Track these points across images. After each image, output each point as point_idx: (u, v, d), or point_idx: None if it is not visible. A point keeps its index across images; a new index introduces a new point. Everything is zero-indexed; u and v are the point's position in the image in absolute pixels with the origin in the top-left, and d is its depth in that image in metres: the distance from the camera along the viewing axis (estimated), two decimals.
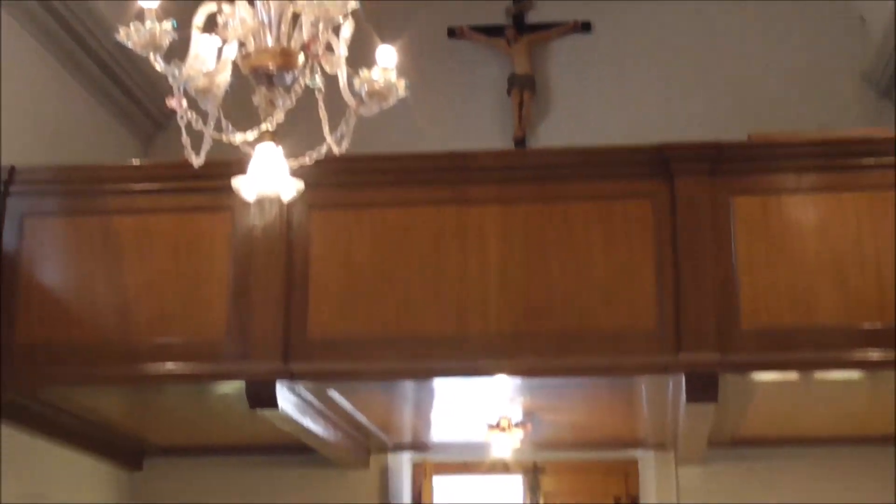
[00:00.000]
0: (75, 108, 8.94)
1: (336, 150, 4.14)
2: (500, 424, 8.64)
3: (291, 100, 3.98)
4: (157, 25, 3.76)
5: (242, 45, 3.97)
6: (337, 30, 4.01)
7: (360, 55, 4.11)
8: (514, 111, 10.37)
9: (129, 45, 3.78)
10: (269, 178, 4.14)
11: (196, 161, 4.17)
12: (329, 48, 4.02)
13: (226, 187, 4.39)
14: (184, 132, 4.06)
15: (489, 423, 8.67)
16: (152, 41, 3.76)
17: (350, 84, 4.01)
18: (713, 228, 6.72)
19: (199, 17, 3.98)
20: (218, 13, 3.97)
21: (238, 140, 4.10)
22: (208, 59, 3.91)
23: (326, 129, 4.11)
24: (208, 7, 4.00)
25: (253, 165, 4.14)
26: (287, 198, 4.25)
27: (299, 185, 4.20)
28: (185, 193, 7.14)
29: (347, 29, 4.04)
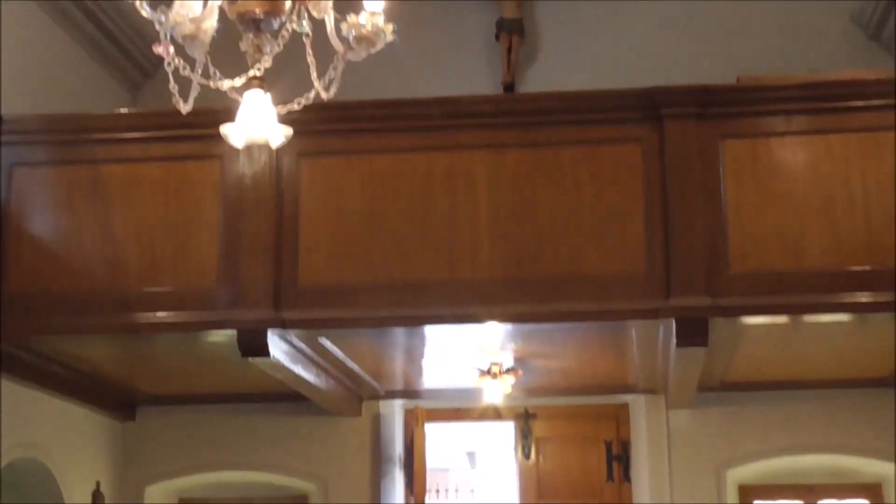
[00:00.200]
0: (63, 57, 8.89)
1: (324, 96, 4.12)
2: (491, 371, 8.67)
3: (279, 45, 3.96)
4: None
5: None
6: None
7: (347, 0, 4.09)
8: (502, 56, 10.32)
9: None
10: (257, 124, 4.12)
11: (184, 108, 4.15)
12: None
13: (215, 135, 4.38)
14: (171, 79, 4.04)
15: (480, 369, 8.70)
16: None
17: (338, 29, 3.99)
18: (702, 172, 6.72)
19: None
20: None
21: (226, 86, 4.08)
22: (195, 5, 3.88)
23: (314, 75, 4.09)
24: None
25: (241, 112, 4.13)
26: (276, 144, 4.23)
27: (288, 131, 4.18)
28: (174, 141, 7.12)
29: None
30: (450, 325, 7.19)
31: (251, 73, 4.02)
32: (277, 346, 7.08)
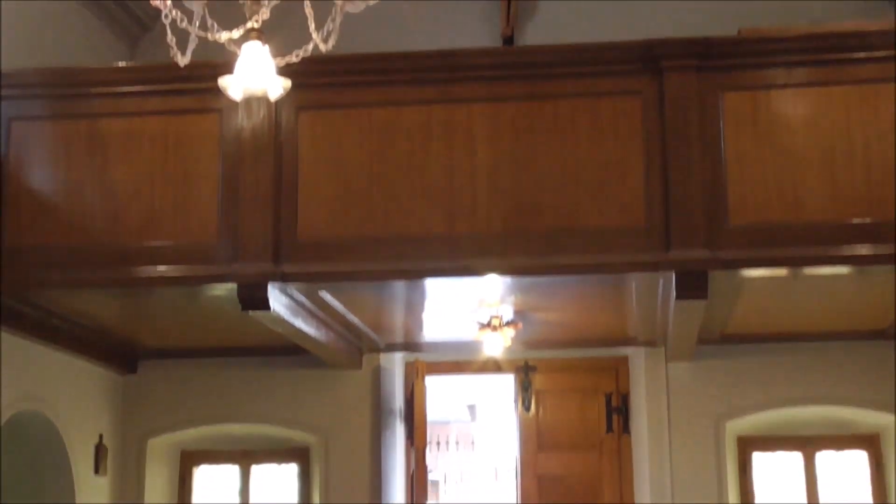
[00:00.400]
0: (61, 11, 8.83)
1: (323, 48, 4.11)
2: (491, 324, 8.69)
3: None
4: None
5: None
6: None
7: None
8: (501, 9, 10.25)
9: None
10: (255, 76, 4.12)
11: (182, 60, 4.14)
12: None
13: (213, 89, 4.38)
14: (169, 31, 4.03)
15: (480, 322, 8.72)
16: None
17: None
18: (702, 125, 6.70)
19: None
20: None
21: (224, 39, 4.07)
22: None
23: (313, 27, 4.08)
24: None
25: (240, 64, 4.12)
26: (274, 96, 4.23)
27: (286, 83, 4.18)
28: (173, 95, 7.10)
29: None
30: (449, 278, 7.20)
31: (249, 25, 4.01)
32: (277, 300, 7.09)
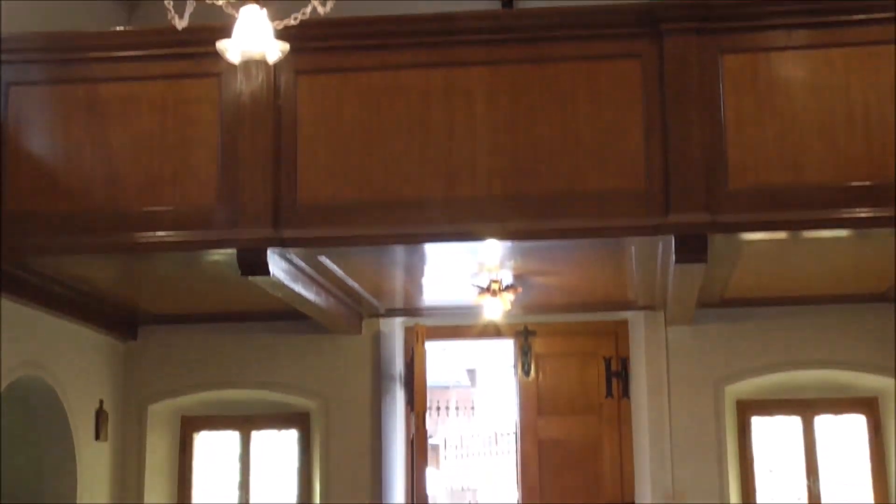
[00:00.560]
0: None
1: (321, 11, 4.10)
2: (490, 288, 8.69)
3: None
4: None
5: None
6: None
7: None
8: None
9: None
10: (253, 40, 4.11)
11: (180, 24, 4.13)
12: None
13: (212, 53, 4.36)
14: None
15: (480, 286, 8.72)
16: None
17: None
18: (702, 88, 6.69)
19: None
20: None
21: (222, 2, 4.06)
22: None
23: None
24: None
25: (238, 28, 4.11)
26: (272, 59, 4.22)
27: (284, 46, 4.17)
28: (171, 59, 7.07)
29: None
30: (449, 243, 7.19)
31: None
32: (277, 265, 7.10)
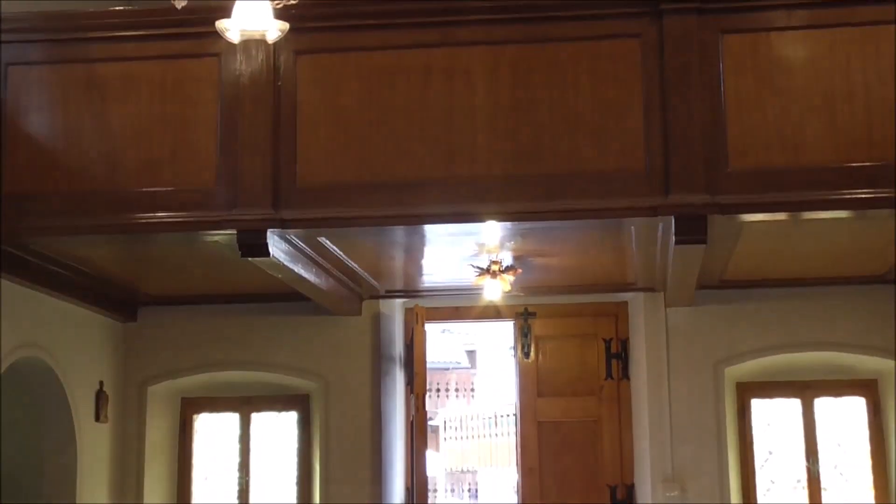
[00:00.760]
0: None
1: None
2: (490, 269, 8.68)
3: None
4: None
5: None
6: None
7: None
8: None
9: None
10: (253, 19, 4.11)
11: (179, 3, 4.13)
12: None
13: (212, 33, 4.36)
14: None
15: (479, 268, 8.72)
16: None
17: None
18: (701, 68, 6.68)
19: None
20: None
21: None
22: None
23: None
24: None
25: (238, 7, 4.11)
26: (272, 39, 4.22)
27: (284, 26, 4.17)
28: (171, 39, 7.06)
29: None
30: (448, 224, 7.19)
31: None
32: (277, 246, 7.10)
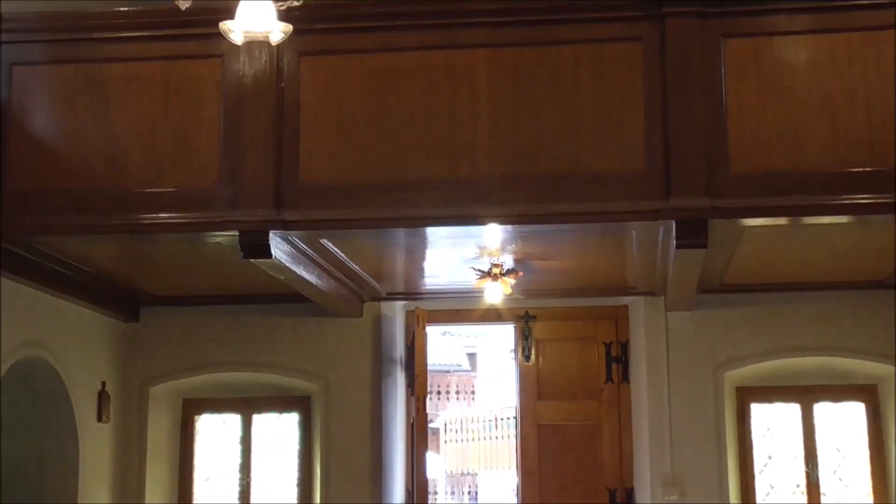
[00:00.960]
0: None
1: None
2: (491, 272, 8.69)
3: None
4: None
5: None
6: None
7: None
8: None
9: None
10: (257, 20, 4.13)
11: (183, 4, 4.14)
12: None
13: (215, 34, 4.37)
14: None
15: (481, 270, 8.73)
16: None
17: None
18: (703, 71, 6.69)
19: None
20: None
21: None
22: None
23: None
24: None
25: (241, 9, 4.13)
26: (275, 40, 4.24)
27: (287, 27, 4.18)
28: (175, 40, 7.08)
29: None
30: (450, 226, 7.20)
31: None
32: (279, 247, 7.11)
